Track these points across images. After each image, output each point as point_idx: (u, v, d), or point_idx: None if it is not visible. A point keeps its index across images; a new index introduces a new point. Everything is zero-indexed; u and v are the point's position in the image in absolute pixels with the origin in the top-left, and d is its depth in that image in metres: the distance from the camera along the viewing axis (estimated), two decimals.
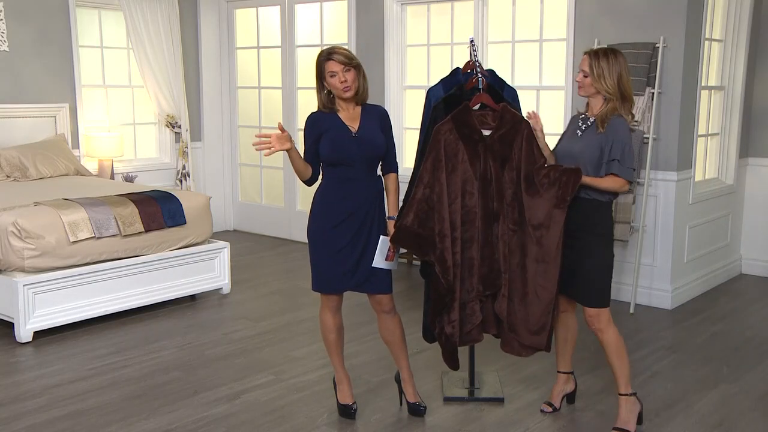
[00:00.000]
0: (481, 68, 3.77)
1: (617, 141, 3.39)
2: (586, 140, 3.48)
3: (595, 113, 3.52)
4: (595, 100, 3.52)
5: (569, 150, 3.53)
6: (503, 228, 3.57)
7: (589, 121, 3.53)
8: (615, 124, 3.43)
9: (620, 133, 3.41)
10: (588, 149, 3.46)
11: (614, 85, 3.43)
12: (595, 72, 3.44)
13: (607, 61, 3.43)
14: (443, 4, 6.60)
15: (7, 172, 6.02)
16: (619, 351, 3.50)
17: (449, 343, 3.66)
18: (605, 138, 3.41)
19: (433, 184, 3.55)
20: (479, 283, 3.57)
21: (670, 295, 5.55)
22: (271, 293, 5.96)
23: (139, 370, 4.37)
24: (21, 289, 4.69)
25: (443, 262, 3.54)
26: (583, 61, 3.50)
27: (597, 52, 3.48)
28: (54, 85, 6.77)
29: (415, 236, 3.54)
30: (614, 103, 3.45)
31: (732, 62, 6.08)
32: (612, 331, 3.50)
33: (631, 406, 3.55)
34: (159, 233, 5.32)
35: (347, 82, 3.45)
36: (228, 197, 8.31)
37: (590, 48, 3.57)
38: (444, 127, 3.57)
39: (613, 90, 3.43)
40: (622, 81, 3.44)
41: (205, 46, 7.89)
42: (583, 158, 3.46)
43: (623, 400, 3.54)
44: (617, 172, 3.40)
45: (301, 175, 3.56)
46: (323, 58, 3.47)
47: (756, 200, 6.43)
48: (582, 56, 3.56)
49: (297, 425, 3.67)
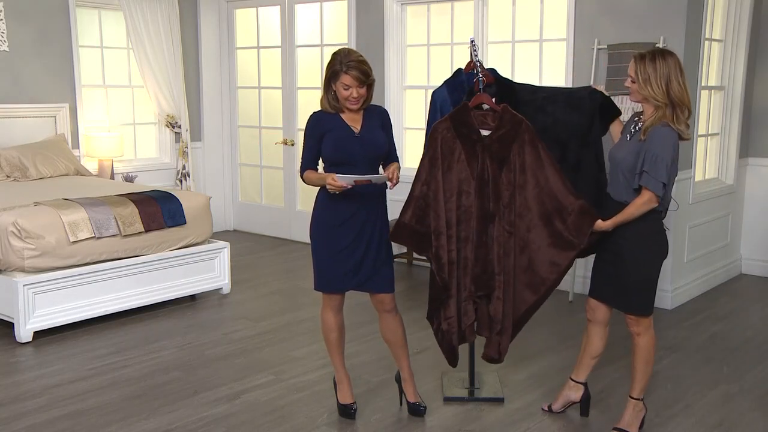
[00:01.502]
0: (482, 68, 3.77)
1: (650, 151, 3.21)
2: (630, 147, 3.34)
3: (645, 119, 3.35)
4: (647, 105, 3.32)
5: (613, 155, 3.41)
6: (499, 229, 3.56)
7: (638, 126, 3.38)
8: (656, 133, 3.22)
9: (657, 143, 3.20)
10: (628, 157, 3.32)
11: (663, 91, 3.20)
12: (640, 78, 3.23)
13: (654, 65, 3.21)
14: (443, 4, 6.60)
15: (7, 172, 6.02)
16: (648, 357, 3.47)
17: (445, 340, 3.67)
18: (643, 147, 3.26)
19: (429, 181, 3.56)
20: (471, 284, 3.58)
21: (670, 295, 5.55)
22: (271, 293, 5.96)
23: (139, 370, 4.37)
24: (21, 289, 4.69)
25: (438, 259, 3.55)
26: (630, 66, 3.30)
27: (644, 55, 3.26)
28: (54, 85, 6.77)
29: (414, 233, 3.56)
30: (664, 110, 3.23)
31: (732, 62, 6.07)
32: (649, 338, 3.45)
33: (638, 412, 3.54)
34: (159, 233, 5.32)
35: (357, 99, 3.45)
36: (228, 197, 8.31)
37: (640, 51, 3.33)
38: (441, 125, 3.58)
39: (662, 96, 3.21)
40: (671, 86, 3.20)
41: (205, 46, 7.89)
42: (623, 166, 3.34)
43: (633, 403, 3.53)
44: (645, 183, 3.23)
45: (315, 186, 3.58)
46: (341, 68, 3.40)
47: (756, 200, 6.43)
48: (630, 61, 3.35)
49: (297, 425, 3.67)
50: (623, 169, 3.35)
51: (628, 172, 3.33)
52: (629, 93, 3.38)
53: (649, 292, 3.43)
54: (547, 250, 3.47)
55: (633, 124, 3.44)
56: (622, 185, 3.37)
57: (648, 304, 3.44)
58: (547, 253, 3.47)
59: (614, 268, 3.43)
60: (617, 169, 3.39)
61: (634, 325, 3.45)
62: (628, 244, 3.38)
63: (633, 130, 3.41)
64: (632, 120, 3.47)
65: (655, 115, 3.26)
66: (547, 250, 3.47)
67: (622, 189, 3.37)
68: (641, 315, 3.42)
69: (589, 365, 3.72)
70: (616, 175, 3.41)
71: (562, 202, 3.44)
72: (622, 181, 3.37)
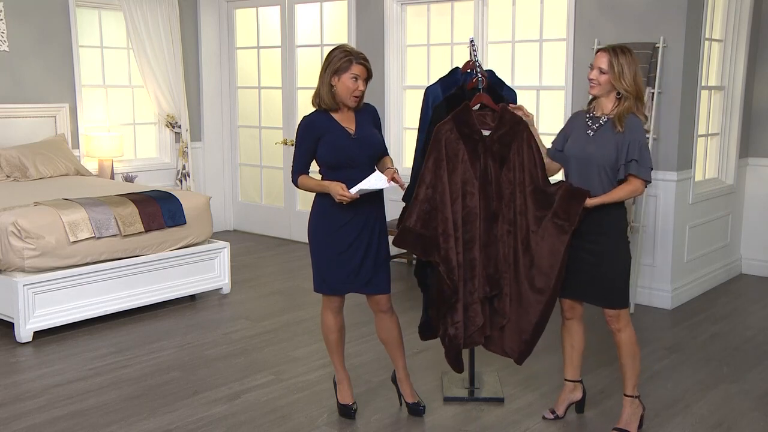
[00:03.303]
0: (481, 68, 3.77)
1: (634, 141, 3.31)
2: (601, 141, 3.38)
3: (607, 112, 3.42)
4: (607, 99, 3.41)
5: (582, 152, 3.42)
6: (501, 228, 3.57)
7: (601, 120, 3.42)
8: (632, 123, 3.34)
9: (637, 132, 3.33)
10: (603, 150, 3.36)
11: (632, 83, 3.33)
12: (615, 69, 3.32)
13: (626, 58, 3.33)
14: (443, 4, 6.60)
15: (7, 172, 6.02)
16: (633, 352, 3.49)
17: (453, 345, 3.64)
18: (622, 138, 3.32)
19: (435, 183, 3.54)
20: (486, 284, 3.56)
21: (670, 295, 5.55)
22: (271, 293, 5.96)
23: (139, 370, 4.37)
24: (21, 289, 4.69)
25: (448, 261, 3.53)
26: (600, 58, 3.37)
27: (615, 49, 3.36)
28: (54, 85, 6.77)
29: (419, 237, 3.53)
30: (630, 102, 3.35)
31: (732, 62, 6.07)
32: (630, 332, 3.48)
33: (635, 409, 3.54)
34: (159, 233, 5.32)
35: (361, 92, 3.45)
36: (228, 197, 8.31)
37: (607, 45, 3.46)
38: (445, 126, 3.57)
39: (631, 88, 3.33)
40: (637, 80, 3.35)
41: (205, 46, 7.89)
42: (598, 160, 3.37)
43: (628, 401, 3.54)
44: (636, 172, 3.33)
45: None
46: (351, 57, 3.40)
47: (756, 200, 6.43)
48: (596, 53, 3.43)
49: (297, 425, 3.67)
50: (602, 163, 3.37)
51: (609, 166, 3.37)
52: (592, 86, 3.42)
53: (627, 284, 3.49)
54: (545, 242, 3.46)
55: (588, 119, 3.46)
56: (597, 180, 3.39)
57: (627, 296, 3.50)
58: (546, 245, 3.46)
59: (598, 267, 3.44)
60: (589, 165, 3.39)
61: (615, 322, 3.47)
62: (610, 241, 3.43)
63: (594, 125, 3.43)
64: (582, 116, 3.51)
65: (622, 106, 3.35)
66: (544, 242, 3.46)
67: (597, 184, 3.39)
68: (622, 308, 3.46)
69: (580, 361, 3.75)
70: (589, 171, 3.40)
71: (547, 191, 3.45)
72: (598, 175, 3.38)
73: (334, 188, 3.38)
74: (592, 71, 3.41)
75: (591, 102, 3.53)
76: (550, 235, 3.44)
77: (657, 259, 5.57)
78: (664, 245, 5.54)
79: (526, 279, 3.53)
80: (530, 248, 3.51)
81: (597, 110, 3.47)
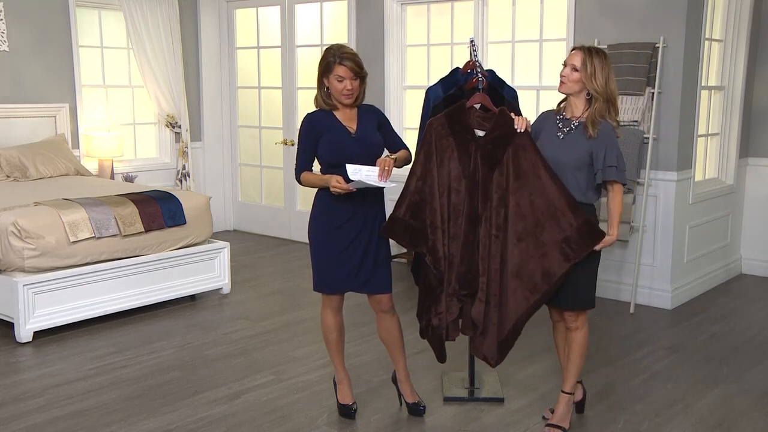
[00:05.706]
0: (481, 68, 3.77)
1: (611, 146, 3.32)
2: (572, 145, 3.37)
3: (577, 115, 3.41)
4: (578, 99, 3.40)
5: (554, 155, 3.39)
6: (485, 231, 3.53)
7: (572, 123, 3.40)
8: (606, 127, 3.34)
9: (612, 138, 3.34)
10: (575, 155, 3.35)
11: (603, 85, 3.31)
12: (588, 69, 3.31)
13: (600, 60, 3.31)
14: (443, 4, 6.60)
15: (7, 172, 6.02)
16: (584, 350, 3.53)
17: (436, 335, 3.67)
18: (597, 144, 3.32)
19: (425, 176, 3.56)
20: (456, 282, 3.56)
21: (670, 295, 5.55)
22: (271, 293, 5.96)
23: (139, 370, 4.37)
24: (21, 289, 4.69)
25: (435, 252, 3.55)
26: (574, 56, 3.36)
27: (591, 49, 3.35)
28: (54, 85, 6.77)
29: (407, 227, 3.55)
30: (600, 104, 3.32)
31: (732, 62, 6.07)
32: (585, 331, 3.51)
33: (569, 405, 3.59)
34: (159, 233, 5.32)
35: (351, 91, 3.45)
36: (228, 197, 8.31)
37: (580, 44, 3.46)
38: (436, 121, 3.59)
39: (602, 90, 3.31)
40: (610, 83, 3.33)
41: (205, 46, 7.89)
42: (569, 164, 3.36)
43: (565, 398, 3.56)
44: (616, 178, 3.34)
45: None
46: (334, 59, 3.42)
47: (756, 200, 6.43)
48: (571, 51, 3.42)
49: (297, 425, 3.68)
50: (575, 166, 3.36)
51: (578, 171, 3.36)
52: (561, 84, 3.40)
53: (594, 287, 3.51)
54: (540, 261, 3.41)
55: (559, 121, 3.45)
56: (573, 181, 3.38)
57: (593, 298, 3.51)
58: (540, 263, 3.41)
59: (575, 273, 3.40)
60: (562, 168, 3.37)
61: (574, 321, 3.48)
62: None
63: (565, 127, 3.41)
64: (551, 117, 3.49)
65: (593, 109, 3.33)
66: (540, 260, 3.41)
67: (573, 185, 3.38)
68: (584, 310, 3.48)
69: None
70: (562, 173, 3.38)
71: (560, 215, 3.39)
72: (573, 177, 3.37)
73: (331, 180, 3.40)
74: (564, 68, 3.40)
75: (561, 103, 3.51)
76: (550, 257, 3.40)
77: (657, 259, 5.57)
78: (664, 245, 5.54)
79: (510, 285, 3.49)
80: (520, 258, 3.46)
81: (567, 112, 3.46)
